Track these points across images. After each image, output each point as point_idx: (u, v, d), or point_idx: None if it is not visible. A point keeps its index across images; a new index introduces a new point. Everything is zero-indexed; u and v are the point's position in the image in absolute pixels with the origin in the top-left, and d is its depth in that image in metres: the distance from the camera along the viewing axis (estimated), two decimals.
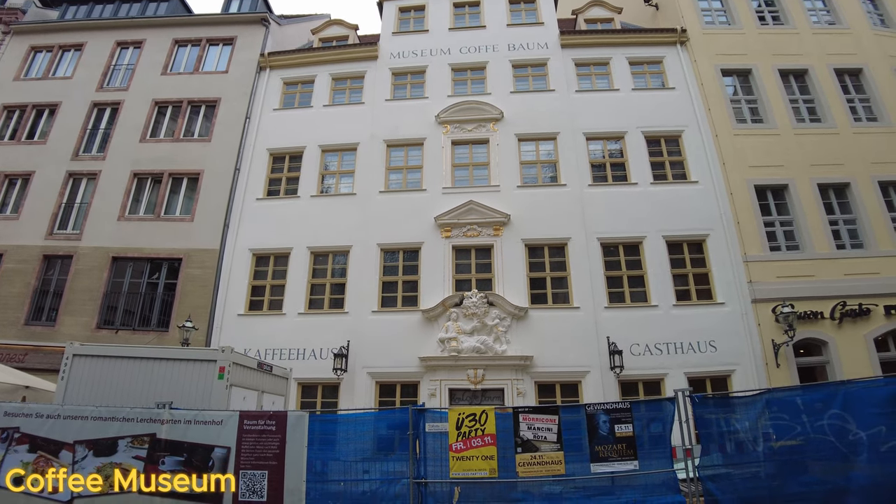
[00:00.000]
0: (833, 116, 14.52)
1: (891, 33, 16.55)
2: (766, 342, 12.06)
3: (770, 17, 16.34)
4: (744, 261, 12.66)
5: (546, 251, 13.12)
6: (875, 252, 13.09)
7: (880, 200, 13.66)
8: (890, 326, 12.42)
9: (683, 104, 14.29)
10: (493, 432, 8.23)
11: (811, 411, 8.36)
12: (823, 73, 15.17)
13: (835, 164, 13.82)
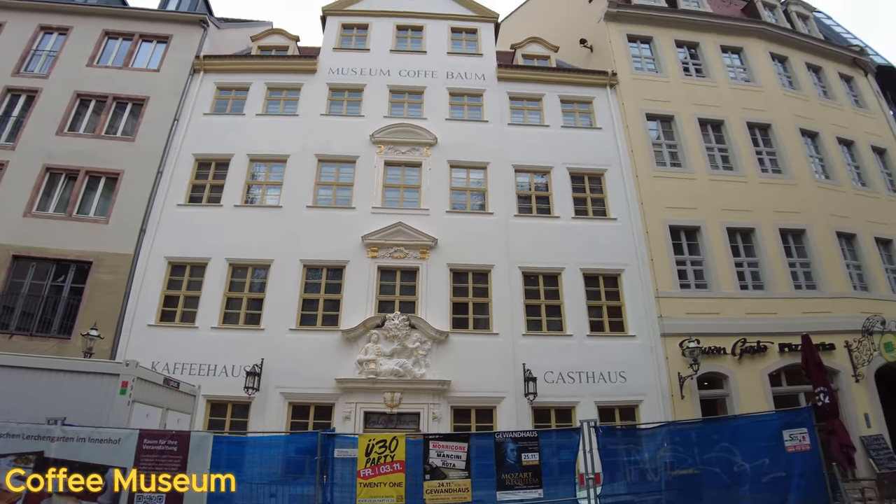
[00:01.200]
0: (743, 166, 15.75)
1: (797, 94, 18.20)
2: (672, 374, 12.74)
3: (694, 69, 17.62)
4: (655, 296, 13.41)
5: (470, 277, 13.41)
6: (773, 294, 14.19)
7: (780, 246, 14.87)
8: (783, 363, 13.44)
9: (608, 144, 15.14)
10: (403, 459, 8.28)
11: (704, 443, 8.92)
12: (737, 126, 16.44)
13: (743, 211, 14.95)
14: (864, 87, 20.84)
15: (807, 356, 11.47)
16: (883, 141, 19.34)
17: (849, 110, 19.39)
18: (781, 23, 20.60)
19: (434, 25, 16.95)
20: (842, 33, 24.29)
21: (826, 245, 15.43)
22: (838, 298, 14.73)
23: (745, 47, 18.53)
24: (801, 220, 15.44)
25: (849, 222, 16.25)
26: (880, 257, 16.53)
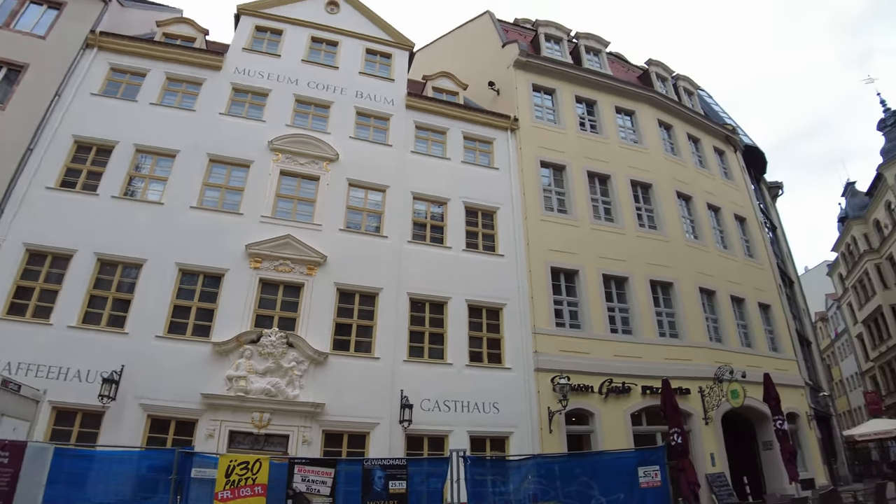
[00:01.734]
0: (624, 219, 17.09)
1: (677, 160, 20.13)
2: (542, 409, 13.30)
3: (589, 124, 19.01)
4: (533, 332, 14.06)
5: (357, 298, 13.29)
6: (640, 339, 15.36)
7: (649, 296, 16.19)
8: (644, 404, 14.49)
9: (503, 184, 15.91)
10: (265, 482, 7.97)
11: (566, 477, 9.35)
12: (622, 182, 17.87)
13: (619, 260, 16.17)
14: (732, 161, 23.49)
15: (665, 399, 12.49)
16: (744, 211, 21.83)
17: (719, 180, 21.74)
18: (670, 94, 22.82)
19: (350, 43, 17.05)
20: (719, 112, 27.35)
21: (690, 299, 17.01)
22: (696, 348, 16.22)
23: (636, 111, 20.29)
24: (671, 274, 16.94)
25: (711, 280, 18.04)
26: (734, 313, 18.48)
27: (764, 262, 21.48)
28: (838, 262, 49.05)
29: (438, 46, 24.75)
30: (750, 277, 20.03)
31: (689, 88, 24.90)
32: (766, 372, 15.35)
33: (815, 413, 20.24)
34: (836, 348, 56.27)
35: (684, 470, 11.68)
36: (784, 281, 23.82)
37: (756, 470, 17.20)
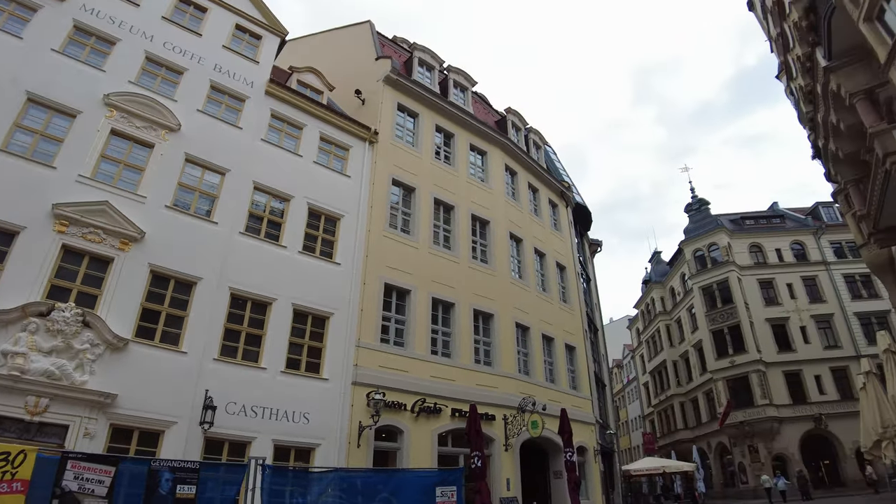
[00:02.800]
0: (460, 249, 18.10)
1: (515, 204, 21.88)
2: (354, 423, 13.33)
3: (444, 154, 19.95)
4: (356, 345, 14.14)
5: (172, 284, 12.22)
6: (457, 363, 16.20)
7: (471, 324, 17.22)
8: (452, 426, 15.19)
9: (352, 194, 15.98)
10: (28, 478, 7.01)
11: (368, 492, 9.46)
12: (464, 214, 18.96)
13: (449, 286, 17.03)
14: (563, 215, 26.07)
15: (471, 423, 13.27)
16: (565, 260, 24.27)
17: (548, 229, 23.98)
18: (521, 144, 24.81)
19: (220, 13, 15.98)
20: (560, 169, 30.26)
21: (507, 331, 18.41)
22: (506, 377, 17.51)
23: (488, 152, 21.76)
24: (493, 306, 18.22)
25: (527, 317, 19.70)
26: (543, 350, 20.30)
27: (575, 308, 24.00)
28: (637, 318, 56.34)
29: (312, 42, 24.35)
30: (562, 320, 22.24)
31: (538, 143, 27.29)
32: (563, 407, 17.08)
33: (601, 448, 22.85)
34: (626, 393, 64.18)
35: (480, 492, 12.49)
36: (590, 327, 26.75)
37: (546, 496, 18.91)
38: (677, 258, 47.06)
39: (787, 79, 26.56)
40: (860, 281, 39.48)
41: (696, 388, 42.08)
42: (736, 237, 42.03)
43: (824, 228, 42.24)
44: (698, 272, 41.43)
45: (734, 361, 36.95)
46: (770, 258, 41.37)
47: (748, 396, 35.73)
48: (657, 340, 48.96)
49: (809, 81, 20.87)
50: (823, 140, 22.53)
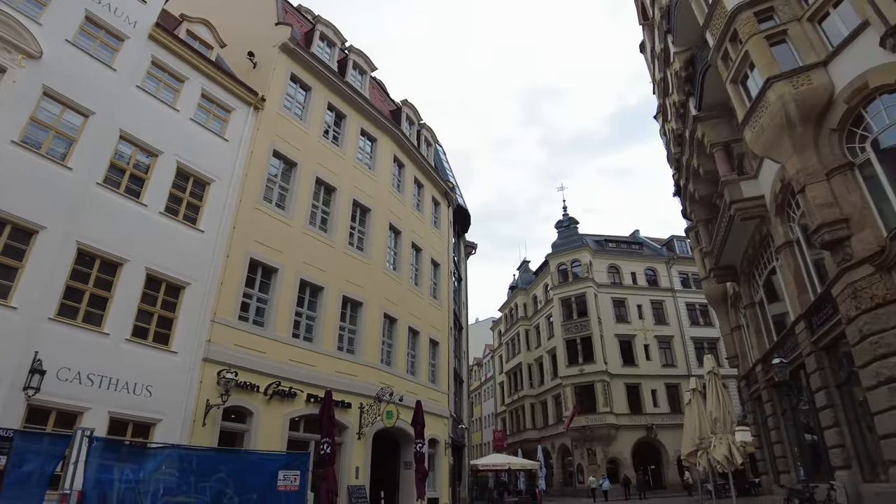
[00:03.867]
0: (337, 233, 17.96)
1: (399, 196, 22.20)
2: (201, 400, 12.73)
3: (333, 134, 19.67)
4: (212, 319, 13.47)
5: (8, 230, 10.70)
6: (318, 349, 16.08)
7: (339, 310, 17.19)
8: (306, 411, 15.04)
9: (228, 159, 15.17)
10: None
11: (203, 472, 9.11)
12: (346, 198, 18.85)
13: (320, 269, 16.84)
14: (444, 214, 26.79)
15: (324, 409, 13.26)
16: (440, 258, 24.97)
17: (428, 226, 24.53)
18: (412, 138, 25.12)
19: None
20: (447, 169, 30.99)
21: (374, 321, 18.60)
22: (367, 367, 17.69)
23: (379, 140, 21.80)
24: (363, 295, 18.32)
25: (396, 309, 20.05)
26: (408, 343, 20.75)
27: (444, 305, 24.79)
28: (501, 321, 59.26)
29: None
30: (430, 315, 22.88)
31: (430, 140, 27.78)
32: (419, 399, 17.59)
33: (452, 442, 23.79)
34: (483, 390, 67.22)
35: (326, 478, 12.54)
36: (456, 325, 27.74)
37: (394, 486, 19.35)
38: (543, 269, 50.27)
39: (662, 120, 29.45)
40: (699, 310, 44.99)
41: (546, 391, 45.34)
42: (598, 257, 45.81)
43: (675, 259, 47.51)
44: (560, 284, 44.56)
45: (583, 370, 40.32)
46: (626, 280, 45.61)
47: (592, 403, 39.23)
48: (516, 343, 51.96)
49: (680, 126, 23.36)
50: (685, 181, 25.31)
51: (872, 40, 11.92)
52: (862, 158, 12.51)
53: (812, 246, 14.55)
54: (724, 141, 19.72)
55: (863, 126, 12.61)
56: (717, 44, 16.42)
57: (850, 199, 12.43)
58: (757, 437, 23.14)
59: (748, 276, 21.37)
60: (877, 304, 11.53)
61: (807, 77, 13.29)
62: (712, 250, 22.50)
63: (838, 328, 13.23)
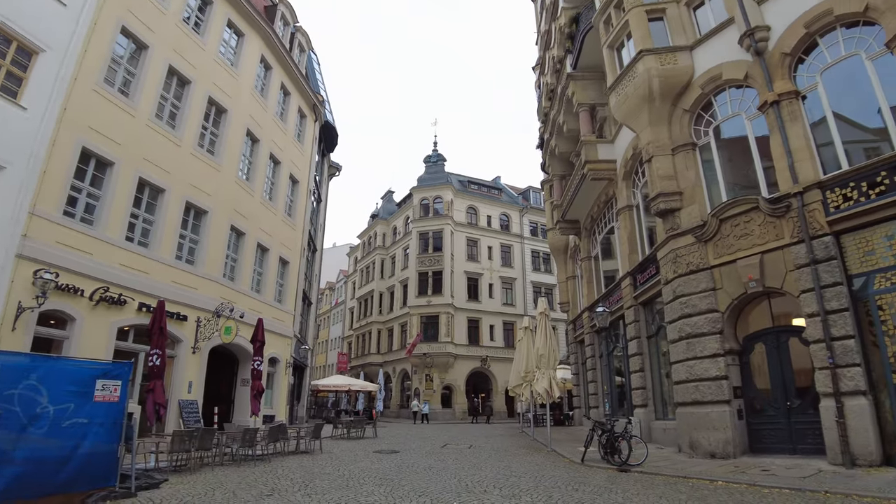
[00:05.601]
0: (186, 131, 16.53)
1: (261, 102, 20.81)
2: (11, 301, 11.35)
3: (195, 21, 17.72)
4: (30, 212, 11.93)
5: None
6: (154, 255, 15.07)
7: (181, 217, 16.17)
8: (137, 321, 14.18)
9: (63, 28, 12.88)
10: None
11: (8, 379, 8.30)
12: (200, 94, 17.30)
13: (164, 170, 15.52)
14: (309, 128, 25.78)
15: (156, 320, 12.67)
16: (300, 175, 24.22)
17: (291, 138, 23.51)
18: (285, 40, 23.47)
19: None
20: (319, 82, 29.55)
21: (219, 232, 17.77)
22: (208, 280, 16.99)
23: (247, 36, 20.08)
24: (210, 203, 17.31)
25: (246, 223, 19.26)
26: (255, 259, 20.18)
27: (299, 225, 24.30)
28: (358, 248, 59.58)
29: None
30: (282, 233, 22.34)
31: (304, 45, 26.18)
32: (261, 317, 17.39)
33: (294, 362, 23.95)
34: (333, 314, 67.96)
35: (154, 391, 12.16)
36: (310, 246, 27.41)
37: (229, 402, 19.21)
38: (406, 201, 51.03)
39: (539, 73, 30.46)
40: (542, 257, 49.12)
41: (394, 318, 47.13)
42: (459, 196, 47.44)
43: (529, 209, 50.97)
44: (421, 218, 45.66)
45: (431, 301, 42.36)
46: (481, 222, 47.94)
47: (435, 333, 41.65)
48: (371, 271, 52.79)
49: (554, 82, 24.40)
50: (549, 135, 26.74)
51: (733, 37, 13.37)
52: (703, 141, 14.23)
53: (648, 213, 16.41)
54: (590, 102, 21.05)
55: (710, 112, 14.30)
56: (602, 6, 17.23)
57: (687, 176, 14.14)
58: (576, 376, 26.35)
59: (589, 232, 23.60)
60: (690, 271, 13.50)
61: (674, 57, 14.57)
62: (562, 204, 24.42)
63: (657, 287, 15.33)
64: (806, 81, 12.00)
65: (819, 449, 10.53)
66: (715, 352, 12.64)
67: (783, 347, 12.05)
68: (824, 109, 11.54)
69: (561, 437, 19.77)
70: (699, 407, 12.67)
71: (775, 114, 12.10)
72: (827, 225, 10.90)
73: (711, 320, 12.86)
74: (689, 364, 13.07)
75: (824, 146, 11.50)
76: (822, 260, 10.88)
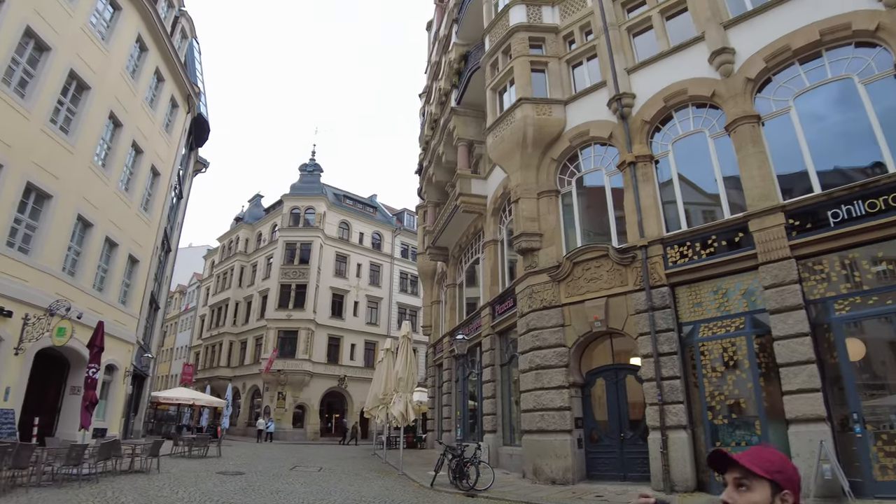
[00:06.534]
0: (38, 102, 14.61)
1: (130, 83, 19.20)
2: None
3: None
4: None
5: None
6: None
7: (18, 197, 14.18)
8: None
9: None
10: None
11: None
12: (61, 64, 15.52)
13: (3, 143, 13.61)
14: (180, 119, 24.22)
15: None
16: (163, 168, 22.63)
17: (158, 127, 21.90)
18: (167, 22, 21.97)
19: None
20: (198, 71, 27.92)
21: (63, 220, 15.92)
22: (43, 272, 15.10)
23: (124, 10, 18.56)
24: (56, 187, 15.44)
25: (96, 213, 17.46)
26: (101, 254, 18.32)
27: (154, 221, 22.53)
28: (217, 251, 56.07)
29: None
30: (135, 228, 20.56)
31: (187, 32, 24.73)
32: (102, 320, 15.74)
33: (134, 370, 21.82)
34: (181, 320, 62.83)
35: None
36: (164, 245, 25.45)
37: (55, 411, 16.93)
38: (276, 208, 49.39)
39: (425, 100, 31.25)
40: (410, 279, 49.66)
41: (249, 331, 44.83)
42: (333, 209, 46.87)
43: (401, 230, 51.70)
44: (290, 227, 44.32)
45: (291, 316, 40.97)
46: (353, 238, 47.61)
47: (293, 349, 40.27)
48: (228, 278, 49.83)
49: (438, 112, 25.20)
50: (428, 163, 27.44)
51: (603, 99, 14.96)
52: (566, 189, 15.57)
53: (511, 248, 17.44)
54: (469, 139, 22.05)
55: (575, 164, 15.73)
56: (491, 50, 18.23)
57: (549, 219, 15.32)
58: (432, 399, 26.86)
59: (457, 260, 24.52)
60: (544, 306, 14.53)
61: (549, 108, 15.85)
62: (434, 231, 25.12)
63: (513, 319, 16.30)
64: (660, 148, 13.71)
65: (645, 476, 11.77)
66: (560, 384, 13.61)
67: (621, 383, 13.32)
68: (672, 175, 13.30)
69: (413, 460, 19.96)
70: (544, 435, 13.51)
71: (631, 173, 13.61)
72: (665, 277, 12.40)
73: (559, 354, 13.87)
74: (536, 394, 13.93)
75: (669, 204, 13.20)
76: (658, 307, 12.30)
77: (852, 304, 10.03)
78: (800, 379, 9.94)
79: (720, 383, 11.35)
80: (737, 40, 12.71)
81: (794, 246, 10.68)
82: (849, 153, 11.05)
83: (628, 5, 15.69)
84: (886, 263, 10.07)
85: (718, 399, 11.30)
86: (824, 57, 11.54)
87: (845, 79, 11.21)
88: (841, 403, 9.82)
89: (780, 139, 11.71)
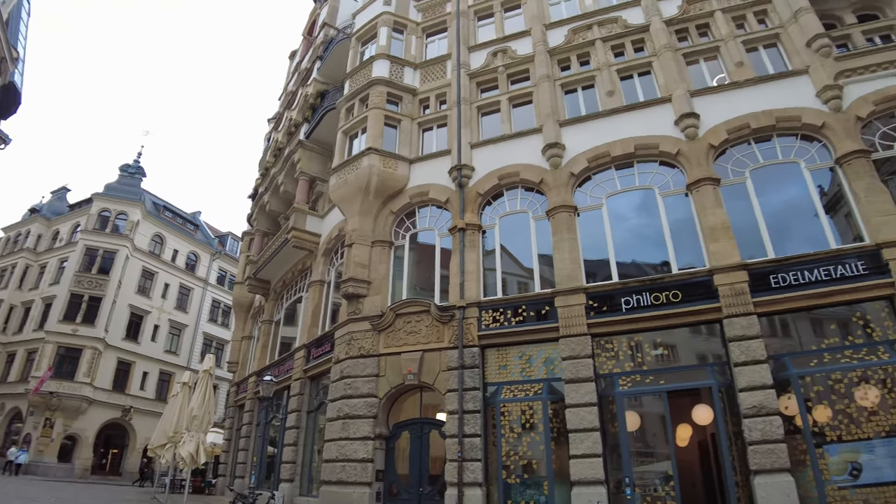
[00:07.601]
0: None
1: None
2: None
3: None
4: None
5: None
6: None
7: None
8: None
9: None
10: None
11: None
12: None
13: None
14: None
15: None
16: None
17: None
18: None
19: None
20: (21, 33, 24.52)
21: None
22: None
23: None
24: None
25: None
26: None
27: None
28: None
29: None
30: None
31: None
32: None
33: None
34: None
35: None
36: None
37: None
38: (82, 206, 44.06)
39: (273, 126, 30.61)
40: (223, 309, 46.48)
41: (20, 342, 38.20)
42: (149, 220, 42.99)
43: (222, 255, 48.62)
44: (95, 231, 39.69)
45: (77, 331, 35.97)
46: (166, 254, 43.78)
47: (73, 369, 35.11)
48: (7, 275, 42.26)
49: (285, 142, 24.81)
50: (264, 189, 26.62)
51: (446, 166, 16.28)
52: (400, 242, 16.33)
53: (337, 291, 17.53)
54: (312, 175, 22.00)
55: (412, 220, 16.60)
56: (349, 95, 18.73)
57: (379, 269, 15.80)
58: (228, 441, 25.06)
59: (278, 296, 23.71)
60: (361, 354, 14.74)
61: (395, 164, 16.68)
62: (258, 261, 24.14)
63: (328, 364, 16.13)
64: (489, 220, 15.08)
65: None
66: (367, 434, 13.64)
67: (425, 438, 13.66)
68: (496, 245, 14.64)
69: None
70: (343, 487, 13.32)
71: (460, 238, 14.68)
72: (477, 338, 13.35)
73: (370, 404, 13.97)
74: (341, 444, 13.78)
75: (490, 271, 14.39)
76: (468, 366, 13.11)
77: (633, 381, 11.72)
78: (585, 444, 11.23)
79: (516, 444, 12.20)
80: (569, 138, 14.70)
81: (591, 324, 12.30)
82: (644, 251, 13.25)
83: (483, 86, 17.26)
84: (663, 348, 12.10)
85: (513, 459, 12.09)
86: (635, 167, 13.95)
87: (648, 189, 13.60)
88: (617, 468, 11.18)
89: (591, 230, 13.63)
